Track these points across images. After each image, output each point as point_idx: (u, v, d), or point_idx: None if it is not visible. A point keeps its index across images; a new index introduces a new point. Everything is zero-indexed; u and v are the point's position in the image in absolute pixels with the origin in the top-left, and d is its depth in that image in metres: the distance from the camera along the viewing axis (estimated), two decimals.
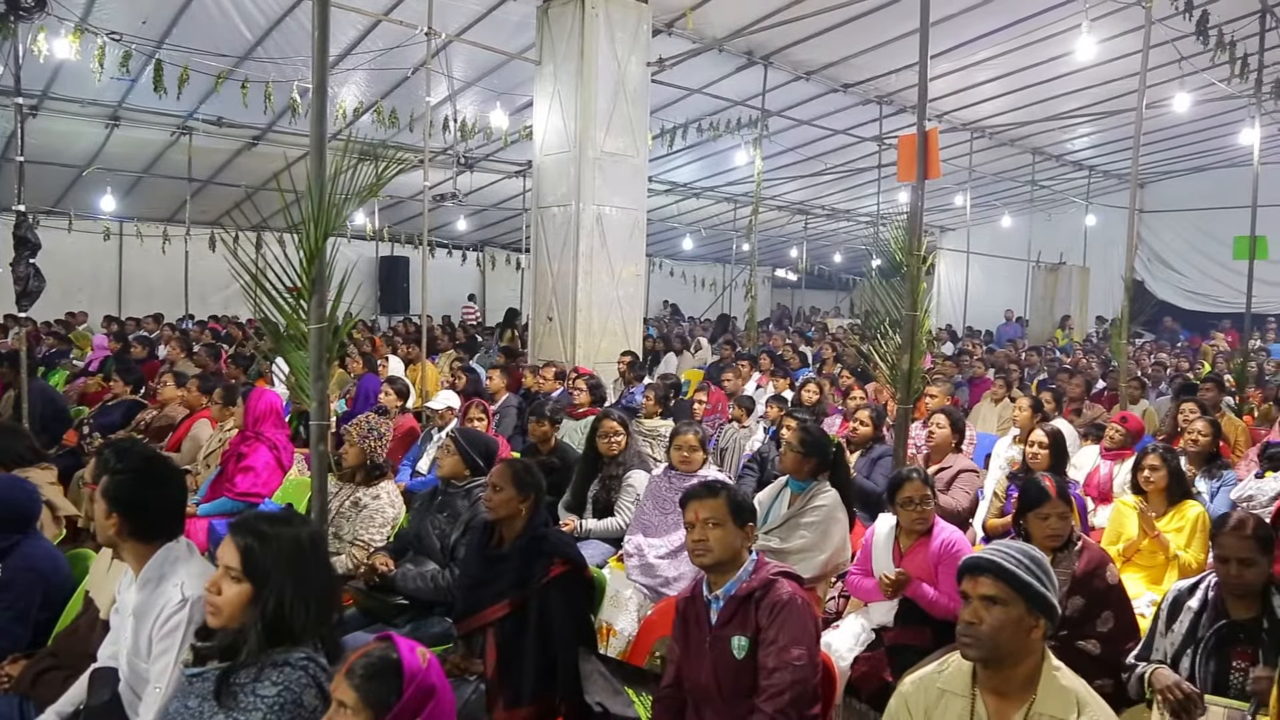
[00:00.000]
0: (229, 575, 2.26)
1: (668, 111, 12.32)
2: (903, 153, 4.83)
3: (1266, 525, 3.35)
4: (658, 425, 6.39)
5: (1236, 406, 8.74)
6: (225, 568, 2.27)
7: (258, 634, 2.20)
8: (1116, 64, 11.42)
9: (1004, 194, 18.99)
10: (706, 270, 24.02)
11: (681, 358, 13.09)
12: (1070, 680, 2.26)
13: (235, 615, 2.25)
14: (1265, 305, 15.79)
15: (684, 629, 2.97)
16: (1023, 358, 13.18)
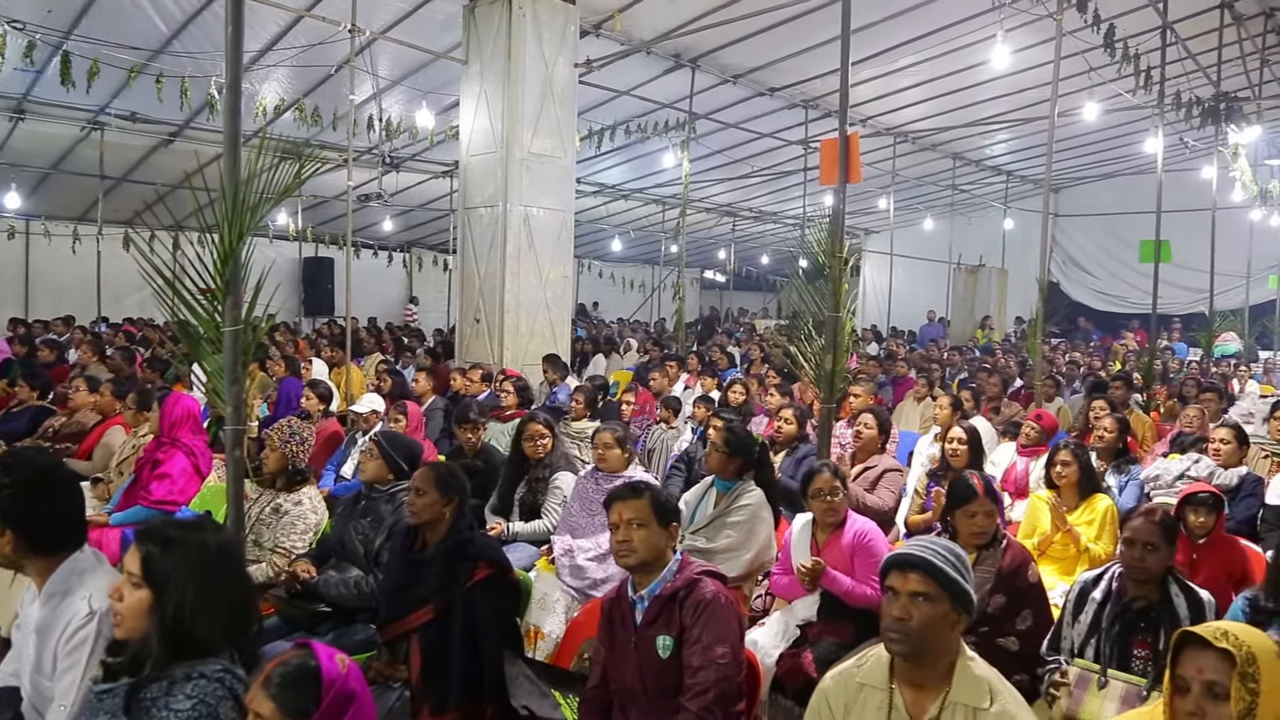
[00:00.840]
0: (130, 581, 2.18)
1: (596, 113, 12.32)
2: (825, 156, 4.91)
3: (1172, 518, 3.52)
4: (585, 427, 6.39)
5: (1144, 403, 9.09)
6: (127, 574, 2.20)
7: (159, 643, 2.13)
8: (1031, 73, 11.79)
9: (926, 197, 19.44)
10: (635, 272, 24.09)
11: (610, 359, 13.10)
12: (983, 670, 2.32)
13: (137, 624, 2.17)
14: (1170, 306, 16.44)
15: (609, 630, 2.97)
16: (944, 357, 13.51)
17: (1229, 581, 4.11)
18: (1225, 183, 12.39)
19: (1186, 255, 13.68)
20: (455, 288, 10.40)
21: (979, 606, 3.51)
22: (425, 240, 20.21)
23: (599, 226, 19.43)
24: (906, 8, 10.29)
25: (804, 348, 4.95)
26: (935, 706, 2.28)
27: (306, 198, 14.52)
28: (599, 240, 21.01)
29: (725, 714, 2.77)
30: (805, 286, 5.16)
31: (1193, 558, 4.21)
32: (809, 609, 4.00)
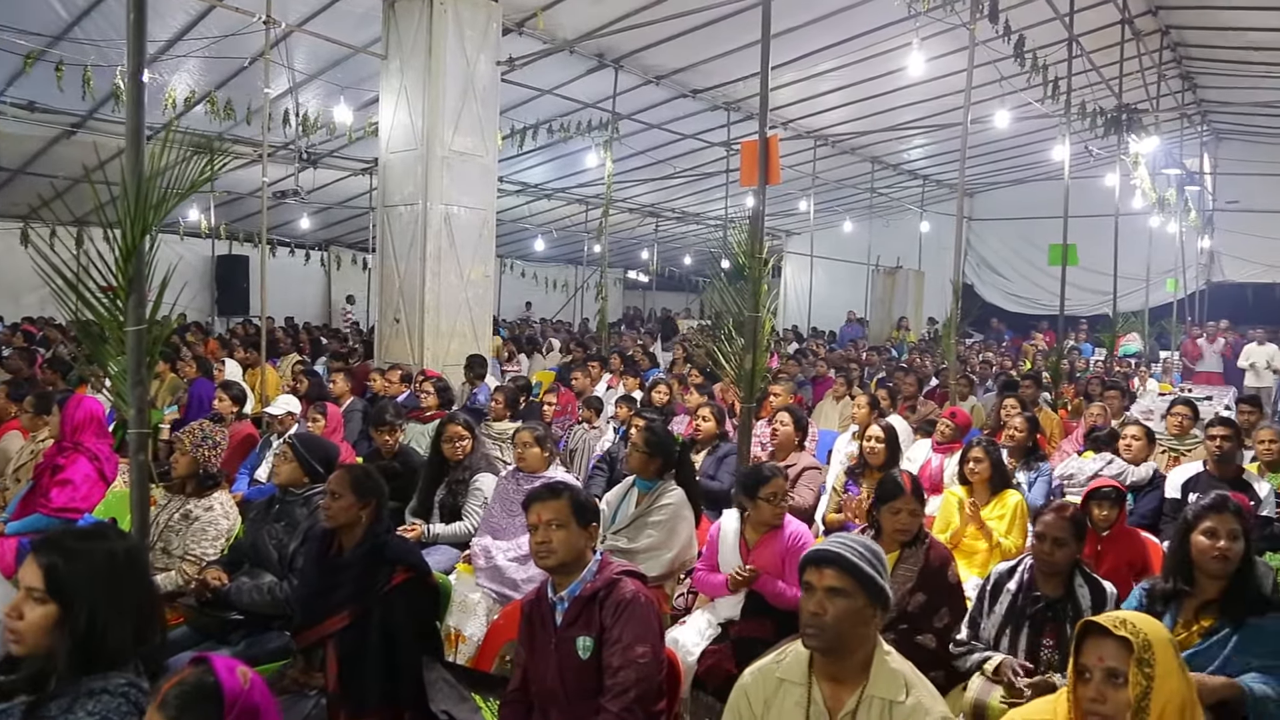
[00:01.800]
0: (31, 597, 2.06)
1: (518, 112, 12.23)
2: (745, 158, 4.96)
3: (1082, 514, 3.66)
4: (506, 428, 6.34)
5: (1052, 401, 9.40)
6: (27, 589, 2.07)
7: (68, 659, 2.02)
8: (945, 81, 12.10)
9: (845, 200, 19.79)
10: (558, 272, 24.00)
11: (533, 359, 13.02)
12: (899, 664, 2.37)
13: (41, 641, 2.05)
14: (1077, 308, 17.03)
15: (529, 631, 2.95)
16: (863, 357, 13.77)
17: (1130, 571, 4.28)
18: (1127, 190, 12.88)
19: (1092, 259, 14.19)
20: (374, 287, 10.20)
21: (900, 604, 3.59)
22: (344, 239, 19.82)
23: (521, 226, 19.29)
24: (826, 13, 10.46)
25: (725, 347, 4.99)
26: (853, 700, 2.32)
27: (220, 194, 14.08)
28: (522, 240, 20.87)
29: (646, 713, 2.78)
30: (726, 287, 5.21)
31: (1097, 549, 4.37)
32: (731, 607, 4.03)
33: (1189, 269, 17.88)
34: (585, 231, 19.41)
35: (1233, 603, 3.08)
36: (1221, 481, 5.25)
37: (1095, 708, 2.15)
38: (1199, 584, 3.15)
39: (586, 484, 6.00)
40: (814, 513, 5.44)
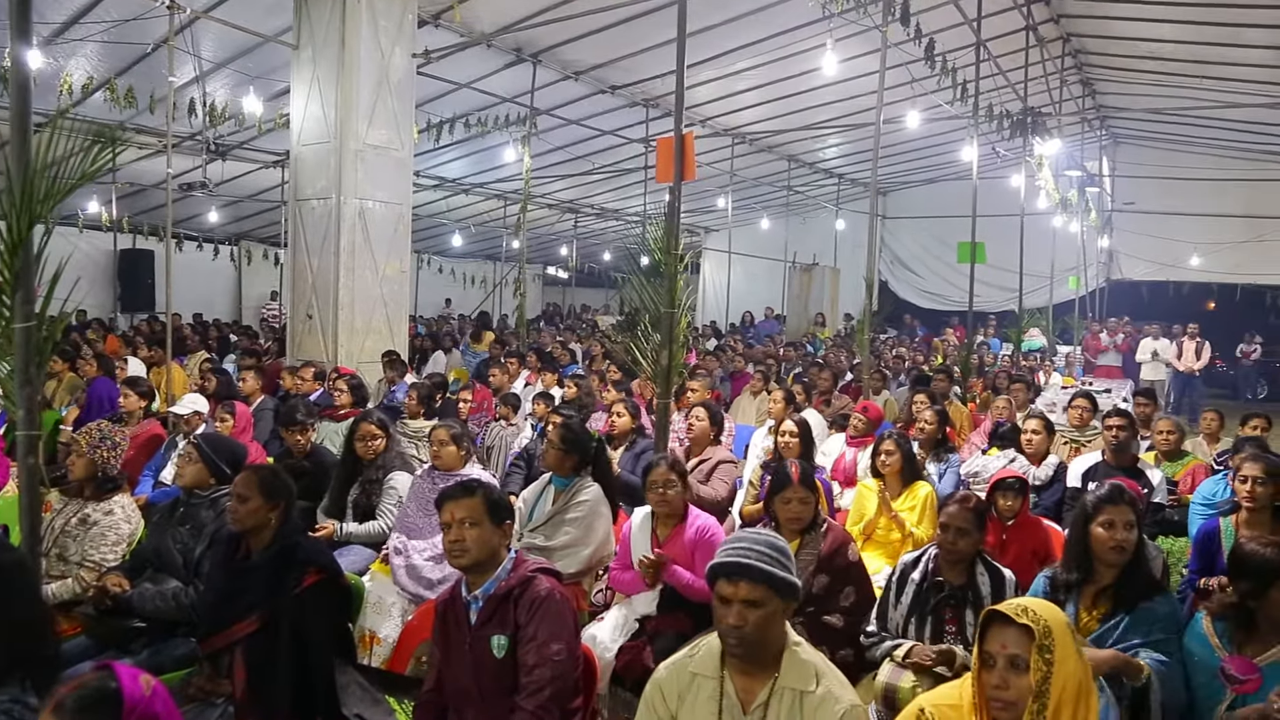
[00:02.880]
0: None
1: (435, 105, 12.05)
2: (661, 155, 4.98)
3: (984, 505, 3.77)
4: (422, 426, 6.25)
5: (962, 395, 9.67)
6: None
7: None
8: (859, 81, 12.34)
9: (763, 198, 20.01)
10: (477, 268, 23.75)
11: (450, 356, 12.86)
12: (809, 654, 2.42)
13: None
14: (985, 304, 17.59)
15: (444, 631, 2.92)
16: (780, 353, 13.96)
17: (1034, 559, 4.42)
18: (1032, 191, 13.31)
19: (999, 257, 14.66)
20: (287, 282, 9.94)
21: (805, 587, 3.66)
22: (255, 233, 19.27)
23: (439, 221, 19.03)
24: (743, 13, 10.55)
25: (642, 343, 5.00)
26: (764, 692, 2.35)
27: (122, 185, 13.54)
28: (439, 235, 20.59)
29: (561, 710, 2.77)
30: (644, 283, 5.22)
31: (1002, 538, 4.51)
32: (648, 603, 4.05)
33: (1090, 267, 18.61)
34: (504, 227, 19.23)
35: (1126, 588, 3.21)
36: (1118, 470, 5.48)
37: (998, 693, 2.22)
38: (1096, 572, 3.28)
39: (504, 481, 5.96)
40: (729, 505, 5.50)
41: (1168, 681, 3.02)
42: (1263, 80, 12.91)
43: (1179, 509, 5.54)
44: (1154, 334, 16.60)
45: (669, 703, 2.46)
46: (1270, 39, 11.15)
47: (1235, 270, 19.20)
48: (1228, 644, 3.06)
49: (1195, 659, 3.11)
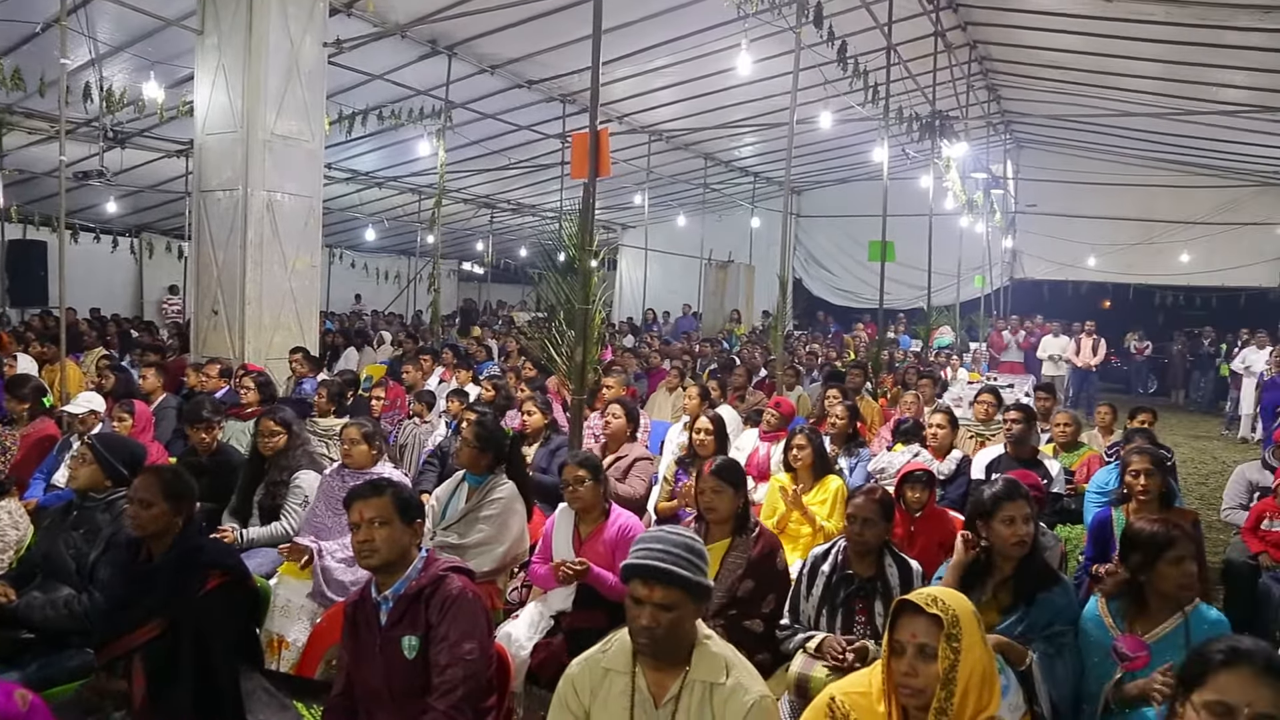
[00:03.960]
0: None
1: (347, 96, 11.80)
2: (576, 151, 4.96)
3: (890, 496, 3.86)
4: (332, 424, 6.11)
5: (873, 390, 9.89)
6: None
7: None
8: (774, 81, 12.50)
9: (679, 195, 20.12)
10: (391, 263, 23.33)
11: (363, 353, 12.62)
12: (719, 648, 2.45)
13: None
14: (895, 302, 18.00)
15: (353, 633, 2.87)
16: (696, 349, 14.07)
17: (941, 550, 4.53)
18: (940, 192, 13.67)
19: (909, 256, 15.01)
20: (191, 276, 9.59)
21: (730, 590, 3.70)
22: (157, 225, 18.58)
23: (351, 215, 18.62)
24: (659, 11, 10.59)
25: (557, 340, 4.98)
26: (676, 685, 2.38)
27: (10, 172, 12.91)
28: (352, 229, 20.17)
29: (474, 710, 2.75)
30: (560, 279, 5.20)
31: (910, 530, 4.63)
32: (564, 599, 4.04)
33: (995, 266, 19.24)
34: (418, 222, 18.94)
35: (1024, 579, 3.34)
36: (1018, 462, 5.69)
37: (908, 681, 2.28)
38: (997, 565, 3.40)
39: (417, 479, 5.88)
40: (646, 502, 5.53)
41: (1053, 669, 3.15)
42: (1153, 92, 13.55)
43: (1076, 498, 5.78)
44: (1054, 331, 17.27)
45: (582, 698, 2.46)
46: (1160, 53, 11.71)
47: (1128, 271, 20.12)
48: (1120, 623, 3.21)
49: (1090, 640, 3.26)
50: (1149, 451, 4.75)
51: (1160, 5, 9.98)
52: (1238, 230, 18.59)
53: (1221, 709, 1.93)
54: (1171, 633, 3.11)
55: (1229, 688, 1.94)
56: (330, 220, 18.09)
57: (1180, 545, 3.11)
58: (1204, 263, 19.27)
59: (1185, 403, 19.17)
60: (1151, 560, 3.14)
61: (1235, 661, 1.96)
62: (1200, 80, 12.53)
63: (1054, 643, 3.24)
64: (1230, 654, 1.97)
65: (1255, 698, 1.91)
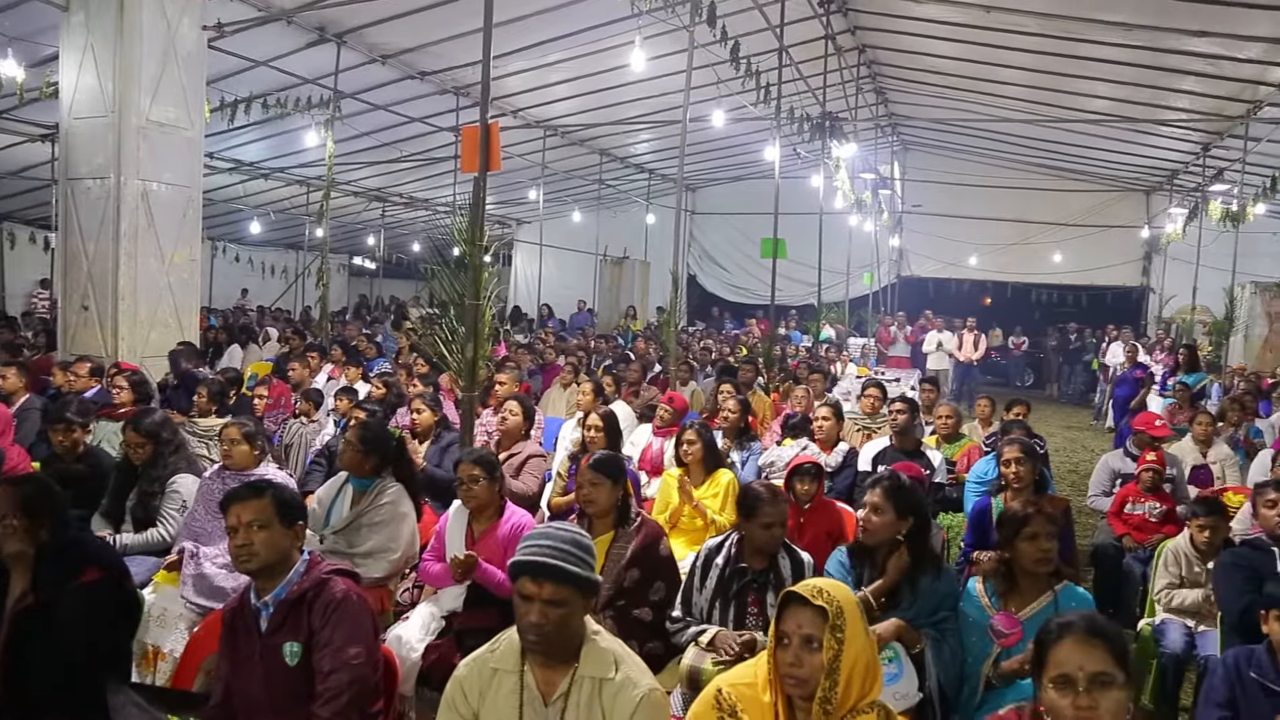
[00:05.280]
0: None
1: (229, 83, 11.33)
2: (466, 144, 4.90)
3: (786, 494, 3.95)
4: (213, 424, 5.88)
5: (765, 385, 10.06)
6: None
7: None
8: (668, 79, 12.59)
9: (575, 190, 20.09)
10: (278, 257, 22.58)
11: (248, 350, 12.19)
12: (608, 643, 2.45)
13: None
14: (787, 298, 18.39)
15: (232, 641, 2.76)
16: (591, 345, 14.07)
17: (829, 540, 4.66)
18: (830, 191, 14.01)
19: (800, 253, 15.33)
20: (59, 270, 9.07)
21: (616, 581, 3.72)
22: (19, 214, 17.49)
23: (235, 207, 17.95)
24: (553, 5, 10.53)
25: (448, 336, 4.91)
26: (565, 682, 2.37)
27: None
28: (236, 222, 19.42)
29: (361, 715, 2.69)
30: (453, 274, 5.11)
31: (800, 521, 4.73)
32: (455, 599, 3.99)
33: (882, 264, 19.85)
34: (307, 214, 18.39)
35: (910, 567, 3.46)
36: (902, 453, 5.88)
37: (793, 671, 2.32)
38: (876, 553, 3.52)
39: (304, 480, 5.71)
40: (540, 499, 5.50)
41: (941, 653, 3.29)
42: (1028, 100, 14.22)
43: (957, 487, 6.01)
44: (938, 327, 17.92)
45: (470, 700, 2.43)
46: (1034, 63, 12.28)
47: (1006, 270, 21.08)
48: (996, 602, 3.38)
49: (970, 620, 3.41)
50: (1021, 442, 4.98)
51: (1033, 18, 10.45)
52: (1105, 232, 19.66)
53: (1063, 680, 2.08)
54: (1042, 610, 3.28)
55: (1063, 659, 2.09)
56: (212, 212, 17.41)
57: (1035, 523, 3.32)
58: (1075, 262, 20.33)
59: (1058, 395, 20.16)
60: (1011, 538, 3.35)
61: (1063, 634, 2.12)
62: (1069, 90, 13.20)
63: (940, 628, 3.37)
64: (1059, 629, 2.14)
65: (1085, 660, 2.06)
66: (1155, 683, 4.47)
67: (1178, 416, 8.60)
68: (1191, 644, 4.37)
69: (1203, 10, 9.14)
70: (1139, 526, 5.77)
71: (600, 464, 3.93)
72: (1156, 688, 4.46)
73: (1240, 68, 10.81)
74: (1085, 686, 2.04)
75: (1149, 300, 20.44)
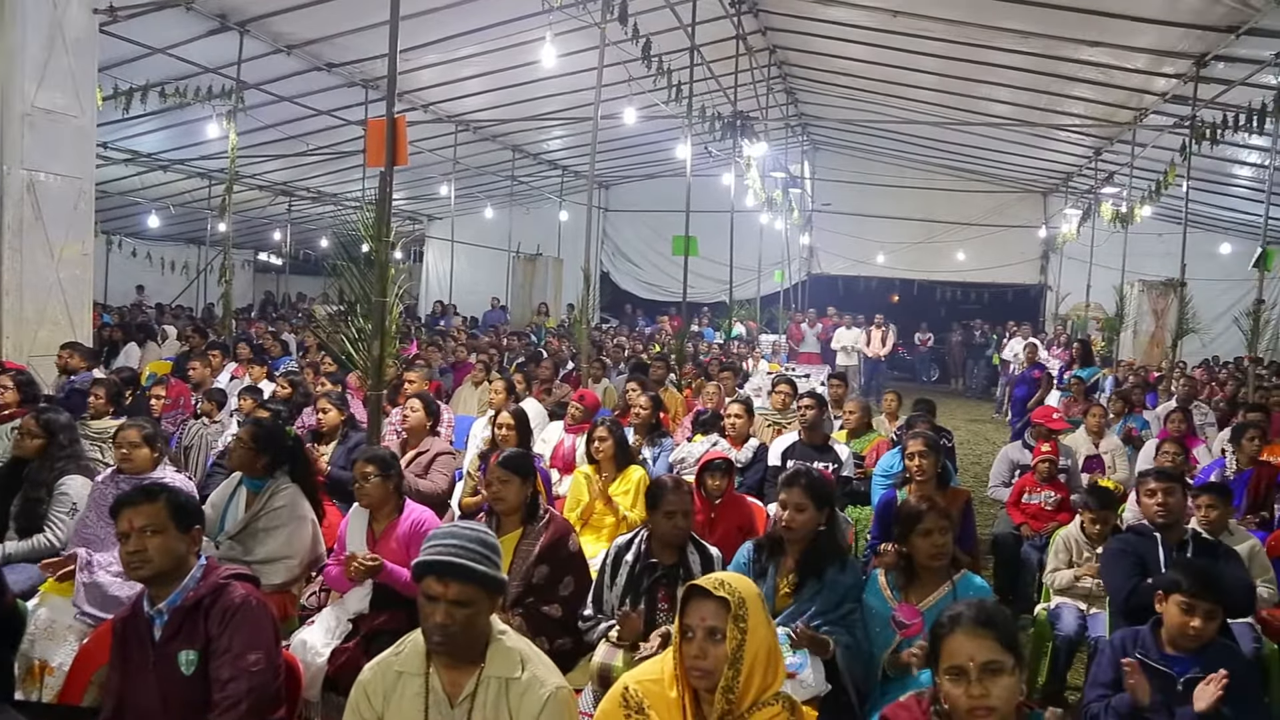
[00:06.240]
0: None
1: (125, 70, 10.87)
2: (372, 138, 4.80)
3: (691, 486, 3.98)
4: (108, 426, 5.64)
5: (677, 381, 10.13)
6: None
7: None
8: (580, 76, 12.56)
9: (487, 187, 19.90)
10: (178, 252, 21.80)
11: (146, 349, 11.74)
12: (514, 642, 2.44)
13: None
14: (699, 295, 18.56)
15: (123, 651, 2.66)
16: (504, 342, 13.96)
17: (740, 534, 4.72)
18: (741, 189, 14.16)
19: (712, 251, 15.45)
20: None
21: (525, 578, 3.70)
22: None
23: (133, 200, 17.26)
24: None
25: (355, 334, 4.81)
26: (471, 683, 2.35)
27: None
28: (133, 215, 18.69)
29: None
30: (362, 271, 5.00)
31: (711, 516, 4.78)
32: (360, 601, 3.91)
33: (793, 262, 20.16)
34: (208, 209, 17.79)
35: (809, 561, 3.54)
36: (811, 448, 5.98)
37: (697, 663, 2.35)
38: (787, 547, 3.58)
39: (205, 483, 5.53)
40: (449, 497, 5.43)
41: (850, 652, 3.37)
42: (932, 103, 14.63)
43: (865, 481, 6.15)
44: (847, 324, 18.32)
45: (374, 704, 2.39)
46: (939, 67, 12.65)
47: (913, 268, 21.70)
48: (898, 594, 3.47)
49: (873, 611, 3.50)
50: (925, 435, 5.12)
51: (938, 24, 10.76)
52: (1005, 232, 20.38)
53: (956, 671, 2.16)
54: (941, 600, 3.39)
55: (955, 651, 2.17)
56: (107, 205, 16.73)
57: (928, 519, 3.43)
58: (977, 261, 21.03)
59: (963, 389, 20.81)
60: (906, 533, 3.46)
61: (954, 626, 2.20)
62: (973, 94, 13.64)
63: (846, 622, 3.44)
64: (950, 622, 2.22)
65: (976, 650, 2.14)
66: (1050, 663, 4.67)
67: (1073, 409, 8.96)
68: (1084, 626, 4.56)
69: (1095, 22, 9.54)
70: (1035, 515, 6.00)
71: (509, 461, 3.91)
72: (1051, 668, 4.66)
73: (1129, 77, 11.33)
74: (977, 676, 2.11)
75: (1046, 297, 21.27)
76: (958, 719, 2.15)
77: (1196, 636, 3.06)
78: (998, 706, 2.10)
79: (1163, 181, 11.80)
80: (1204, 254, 16.28)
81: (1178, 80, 10.72)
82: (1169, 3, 8.69)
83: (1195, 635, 3.06)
